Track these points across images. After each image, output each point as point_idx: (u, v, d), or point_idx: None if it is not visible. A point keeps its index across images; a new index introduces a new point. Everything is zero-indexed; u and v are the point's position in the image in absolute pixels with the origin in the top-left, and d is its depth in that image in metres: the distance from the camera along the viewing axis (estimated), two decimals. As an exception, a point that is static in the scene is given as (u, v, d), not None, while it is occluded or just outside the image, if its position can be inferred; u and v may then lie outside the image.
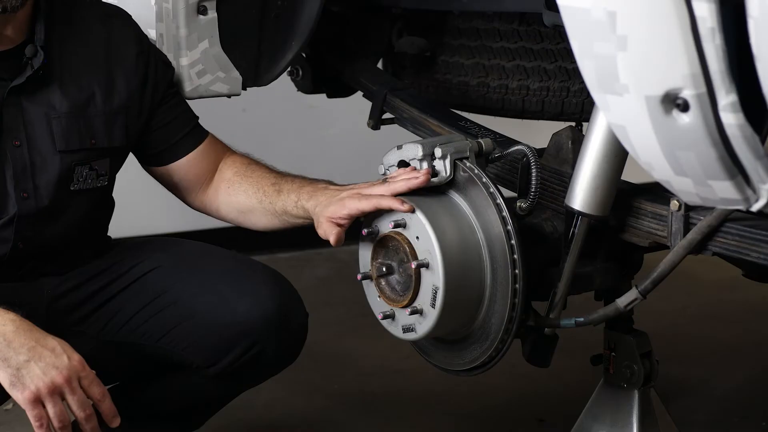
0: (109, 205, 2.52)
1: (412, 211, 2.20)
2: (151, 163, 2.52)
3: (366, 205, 2.25)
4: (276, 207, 2.43)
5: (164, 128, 2.48)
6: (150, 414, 2.50)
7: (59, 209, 2.33)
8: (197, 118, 2.56)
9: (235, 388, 2.50)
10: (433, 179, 2.25)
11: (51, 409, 2.04)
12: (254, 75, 2.76)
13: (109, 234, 2.55)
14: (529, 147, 2.29)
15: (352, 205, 2.26)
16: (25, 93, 2.29)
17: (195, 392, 2.47)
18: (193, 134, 2.52)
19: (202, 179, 2.53)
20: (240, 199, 2.49)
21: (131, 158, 2.54)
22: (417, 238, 2.20)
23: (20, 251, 2.32)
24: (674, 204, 2.13)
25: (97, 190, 2.39)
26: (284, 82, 2.98)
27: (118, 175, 2.52)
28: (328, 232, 2.27)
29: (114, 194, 2.54)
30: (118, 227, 2.63)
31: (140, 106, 2.43)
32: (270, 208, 2.44)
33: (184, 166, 2.51)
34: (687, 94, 1.70)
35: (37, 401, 2.04)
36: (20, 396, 2.04)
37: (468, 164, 2.24)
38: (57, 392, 2.05)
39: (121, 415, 2.16)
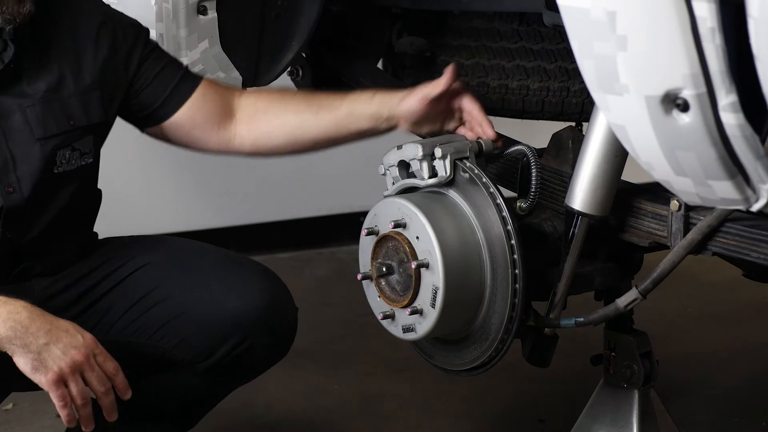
0: (94, 193, 2.48)
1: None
2: (150, 122, 2.47)
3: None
4: (339, 112, 2.41)
5: (149, 87, 2.43)
6: (143, 414, 2.49)
7: (46, 195, 2.31)
8: (185, 66, 2.50)
9: (227, 384, 2.50)
10: (432, 179, 2.25)
11: (74, 388, 2.09)
12: (254, 75, 2.76)
13: (96, 231, 2.53)
14: (529, 147, 2.29)
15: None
16: None
17: (187, 390, 2.47)
18: (185, 82, 2.47)
19: (214, 120, 2.47)
20: (288, 119, 2.45)
21: (126, 156, 2.53)
22: (417, 238, 2.20)
23: (9, 241, 2.30)
24: (674, 204, 2.14)
25: (81, 169, 2.35)
26: (284, 82, 2.98)
27: (118, 175, 2.52)
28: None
29: (114, 194, 2.54)
30: (119, 227, 2.63)
31: (116, 76, 2.39)
32: (330, 116, 2.42)
33: (186, 114, 2.45)
34: (687, 94, 1.70)
35: (60, 382, 2.08)
36: (44, 378, 2.08)
37: (468, 164, 2.24)
38: (78, 370, 2.10)
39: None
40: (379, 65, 3.10)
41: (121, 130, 2.52)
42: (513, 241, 2.18)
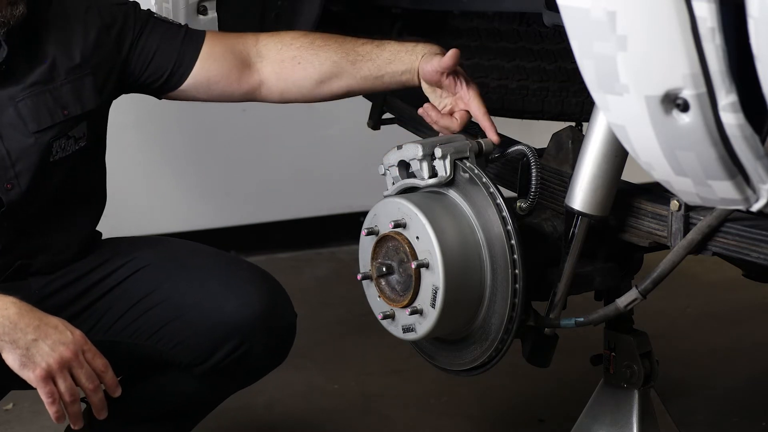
0: (92, 178, 2.46)
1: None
2: (164, 91, 2.46)
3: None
4: (378, 61, 2.37)
5: (154, 59, 2.41)
6: (139, 416, 2.49)
7: (42, 183, 2.31)
8: (185, 26, 2.47)
9: (223, 388, 2.49)
10: (432, 179, 2.25)
11: (62, 384, 2.09)
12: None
13: (100, 231, 2.53)
14: (529, 147, 2.29)
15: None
16: None
17: (184, 392, 2.47)
18: (189, 44, 2.43)
19: (232, 73, 2.44)
20: (323, 69, 2.41)
21: (127, 157, 2.52)
22: (417, 238, 2.20)
23: (8, 230, 2.30)
24: (674, 204, 2.14)
25: (75, 153, 2.34)
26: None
27: (118, 176, 2.51)
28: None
29: (114, 194, 2.53)
30: (119, 227, 2.63)
31: (108, 59, 2.38)
32: (367, 66, 2.38)
33: (200, 73, 2.43)
34: (687, 94, 1.70)
35: (48, 378, 2.08)
36: (32, 375, 2.08)
37: (468, 164, 2.24)
38: (66, 367, 2.09)
39: (109, 416, 2.17)
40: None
41: (122, 131, 2.51)
42: (513, 241, 2.18)
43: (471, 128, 2.58)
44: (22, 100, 2.28)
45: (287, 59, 2.44)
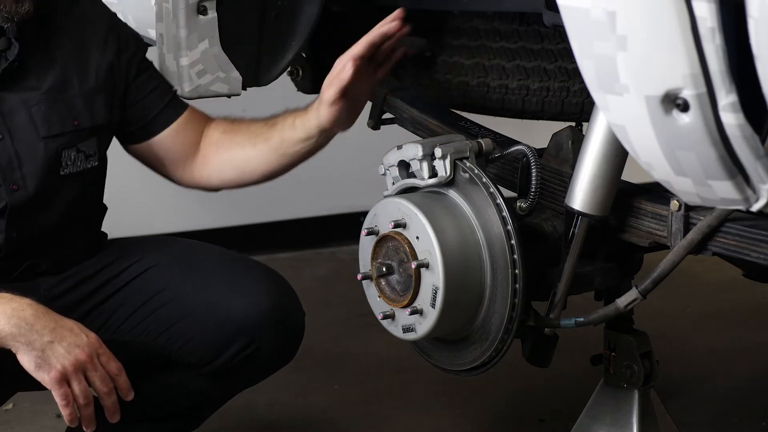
0: (100, 198, 2.50)
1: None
2: (132, 140, 2.51)
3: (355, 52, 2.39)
4: (272, 142, 2.46)
5: (141, 103, 2.47)
6: (145, 414, 2.50)
7: (50, 195, 2.33)
8: (175, 90, 2.54)
9: (231, 387, 2.50)
10: (432, 179, 2.25)
11: (76, 387, 2.10)
12: (254, 75, 2.76)
13: (105, 231, 2.54)
14: (529, 147, 2.29)
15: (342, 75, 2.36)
16: (1, 85, 2.28)
17: (190, 392, 2.47)
18: (172, 106, 2.51)
19: (188, 151, 2.53)
20: (233, 154, 2.51)
21: (127, 156, 2.53)
22: (417, 238, 2.20)
23: (14, 241, 2.31)
24: (674, 204, 2.14)
25: (87, 172, 2.37)
26: (284, 82, 2.98)
27: (118, 175, 2.52)
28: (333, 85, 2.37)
29: (114, 194, 2.54)
30: (118, 227, 2.63)
31: (116, 82, 2.42)
32: (266, 147, 2.47)
33: (166, 139, 2.50)
34: (687, 94, 1.70)
35: (63, 380, 2.09)
36: (47, 377, 2.09)
37: (468, 164, 2.24)
38: (81, 369, 2.11)
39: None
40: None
41: (121, 131, 2.52)
42: (513, 241, 2.18)
43: (471, 129, 2.59)
44: (36, 105, 2.31)
45: (212, 145, 2.53)
